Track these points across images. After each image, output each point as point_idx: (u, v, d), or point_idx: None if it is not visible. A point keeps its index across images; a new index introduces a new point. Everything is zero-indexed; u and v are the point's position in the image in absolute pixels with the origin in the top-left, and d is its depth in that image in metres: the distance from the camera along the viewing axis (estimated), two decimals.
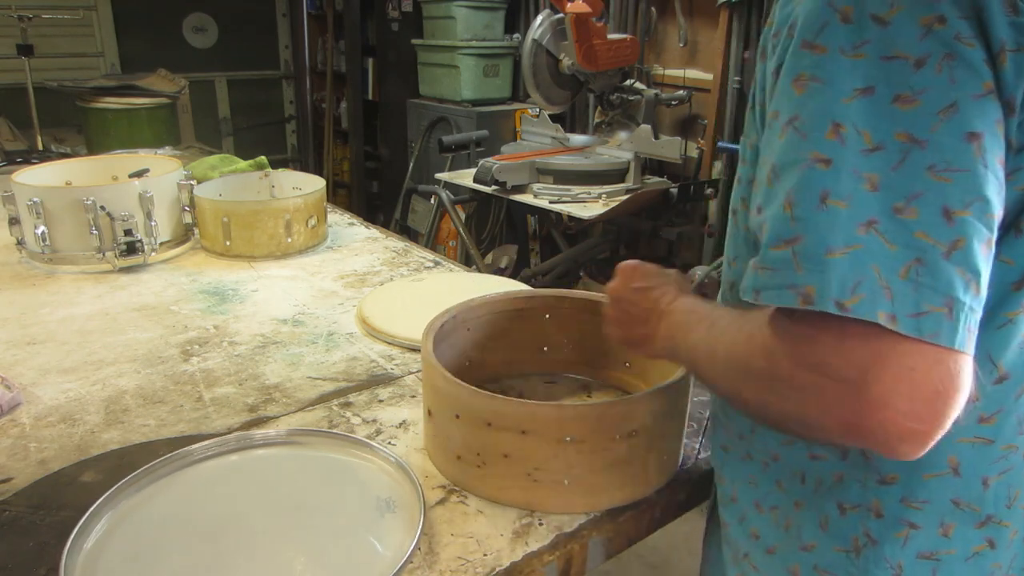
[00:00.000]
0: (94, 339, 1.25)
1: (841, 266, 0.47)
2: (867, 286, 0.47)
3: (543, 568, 0.76)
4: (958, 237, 0.47)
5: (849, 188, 0.48)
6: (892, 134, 0.48)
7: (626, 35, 2.84)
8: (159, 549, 0.76)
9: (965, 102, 0.48)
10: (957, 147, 0.47)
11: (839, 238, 0.48)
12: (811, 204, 0.49)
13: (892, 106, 0.48)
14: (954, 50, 0.48)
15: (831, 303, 0.47)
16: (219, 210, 1.63)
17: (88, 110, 2.81)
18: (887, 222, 0.47)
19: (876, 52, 0.49)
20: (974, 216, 0.47)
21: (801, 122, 0.51)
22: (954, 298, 0.47)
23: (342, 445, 0.92)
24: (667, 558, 2.21)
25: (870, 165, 0.48)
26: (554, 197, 2.55)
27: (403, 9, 4.04)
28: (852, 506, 0.65)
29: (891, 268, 0.47)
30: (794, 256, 0.49)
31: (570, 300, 1.06)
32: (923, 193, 0.47)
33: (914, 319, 0.46)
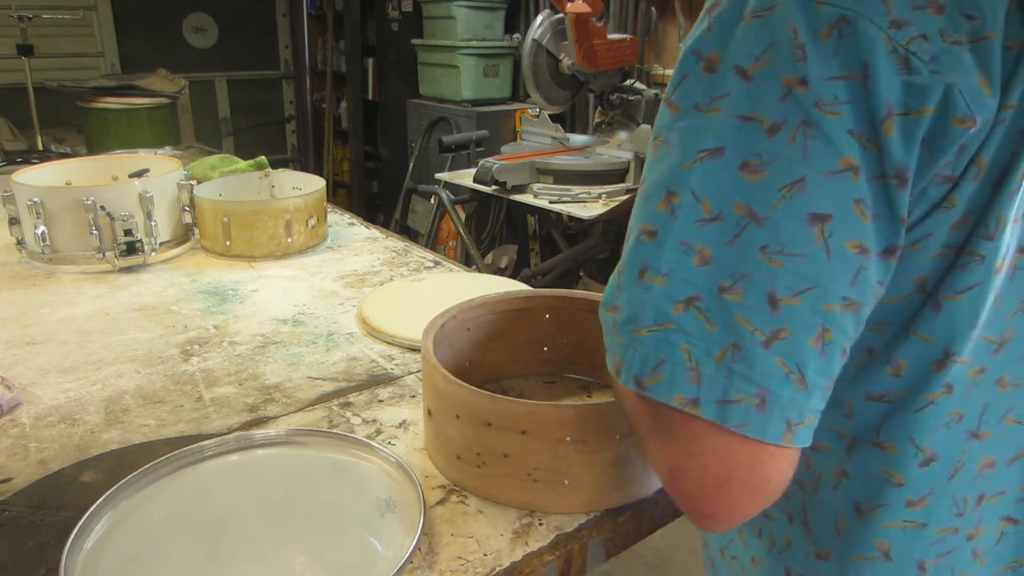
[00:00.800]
0: (94, 339, 1.25)
1: (646, 344, 0.46)
2: (668, 367, 0.45)
3: (543, 568, 0.76)
4: (780, 327, 0.44)
5: (671, 263, 0.46)
6: (732, 204, 0.44)
7: (626, 35, 2.84)
8: (159, 549, 0.76)
9: (814, 179, 0.43)
10: (796, 229, 0.43)
11: (648, 316, 0.46)
12: (632, 276, 0.48)
13: (738, 172, 0.44)
14: (811, 118, 0.43)
15: (631, 379, 0.47)
16: (219, 210, 1.63)
17: (88, 110, 2.81)
18: (710, 300, 0.45)
19: (733, 109, 0.45)
20: (805, 306, 0.43)
21: (644, 188, 0.49)
22: (768, 390, 0.44)
23: (342, 445, 0.92)
24: (667, 558, 2.21)
25: (704, 237, 0.45)
26: (554, 197, 2.55)
27: (403, 9, 4.04)
28: (797, 575, 0.62)
29: (706, 350, 0.45)
30: (613, 324, 0.49)
31: (571, 300, 1.06)
32: (751, 274, 0.44)
33: (719, 405, 0.44)
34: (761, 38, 0.44)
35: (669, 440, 0.47)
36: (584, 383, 1.10)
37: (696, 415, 0.45)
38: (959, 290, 0.47)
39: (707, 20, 0.47)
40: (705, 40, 0.47)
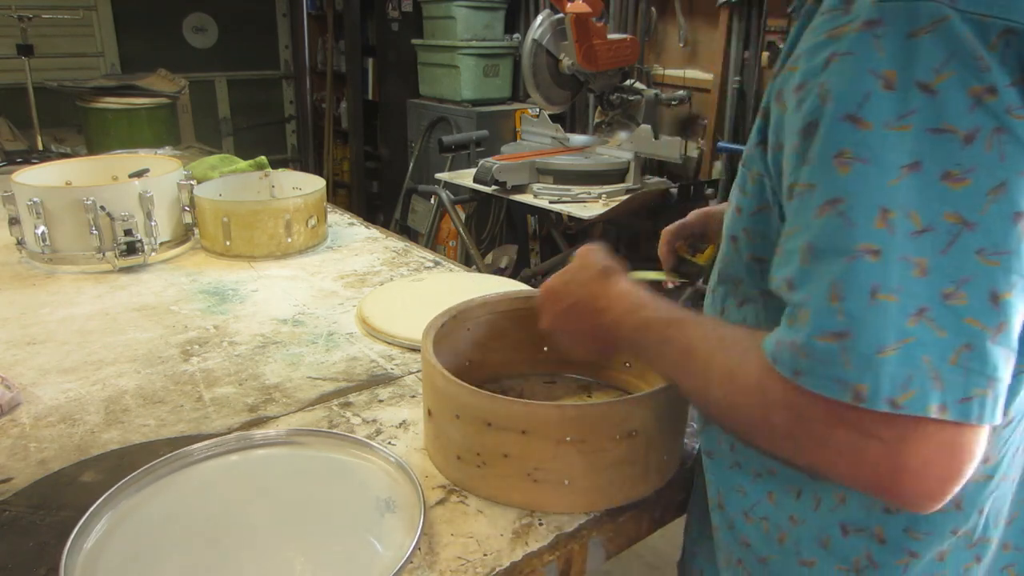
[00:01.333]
0: (94, 339, 1.25)
1: (892, 363, 0.47)
2: (918, 380, 0.47)
3: (543, 568, 0.76)
4: (1003, 320, 0.47)
5: (899, 279, 0.47)
6: (941, 214, 0.47)
7: (626, 35, 2.84)
8: (159, 549, 0.75)
9: (1014, 181, 0.47)
10: (1005, 229, 0.47)
11: (891, 335, 0.47)
12: (861, 300, 0.48)
13: (941, 184, 0.47)
14: (1004, 124, 0.47)
15: (883, 403, 0.47)
16: (219, 210, 1.63)
17: (88, 110, 2.81)
18: (937, 309, 0.47)
19: (922, 124, 0.47)
20: (1015, 296, 0.48)
21: (846, 206, 0.49)
22: (996, 379, 0.47)
23: (342, 445, 0.92)
24: (667, 558, 2.20)
25: (919, 248, 0.47)
26: (554, 197, 2.55)
27: (403, 9, 4.04)
28: (856, 529, 0.65)
29: (941, 356, 0.47)
30: (843, 352, 0.48)
31: None
32: (972, 278, 0.47)
33: (962, 404, 0.47)
34: (938, 52, 0.47)
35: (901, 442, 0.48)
36: (584, 383, 1.10)
37: (945, 419, 0.47)
38: None
39: (869, 38, 0.49)
40: (876, 58, 0.49)
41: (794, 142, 0.54)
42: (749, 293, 0.69)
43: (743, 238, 0.67)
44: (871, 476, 0.50)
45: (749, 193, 0.65)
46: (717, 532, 0.79)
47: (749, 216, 0.65)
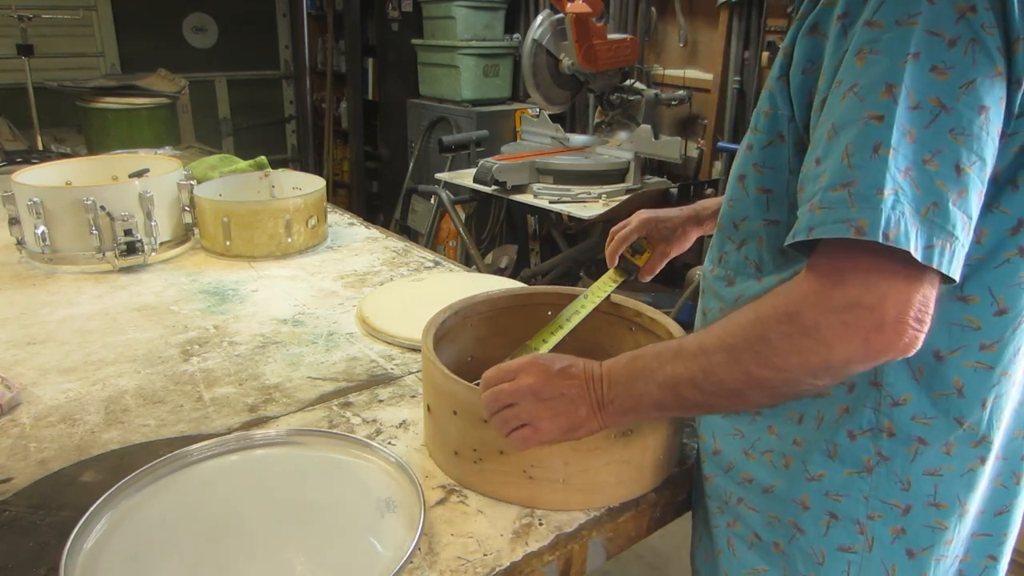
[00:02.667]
0: (94, 339, 1.25)
1: (887, 204, 0.57)
2: (903, 223, 0.57)
3: (543, 568, 0.76)
4: (962, 188, 0.58)
5: (897, 139, 0.58)
6: (928, 97, 0.58)
7: (626, 35, 2.84)
8: (159, 549, 0.75)
9: (981, 81, 0.58)
10: (971, 116, 0.58)
11: (889, 181, 0.57)
12: (865, 153, 0.59)
13: (929, 74, 0.58)
14: (978, 36, 0.58)
15: (880, 234, 0.57)
16: (219, 210, 1.63)
17: (88, 110, 2.81)
18: (917, 171, 0.58)
19: (924, 25, 0.59)
20: (974, 172, 0.58)
21: (860, 87, 0.60)
22: (954, 235, 0.58)
23: (342, 445, 0.92)
24: (667, 558, 2.20)
25: (911, 121, 0.58)
26: (554, 197, 2.55)
27: (403, 9, 4.04)
28: (863, 431, 0.71)
29: (916, 208, 0.57)
30: (850, 196, 0.58)
31: (572, 297, 1.06)
32: (944, 150, 0.58)
33: (926, 250, 0.57)
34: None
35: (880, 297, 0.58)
36: None
37: (917, 259, 0.57)
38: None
39: None
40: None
41: (837, 61, 0.64)
42: (751, 229, 0.77)
43: (752, 174, 0.76)
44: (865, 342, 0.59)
45: (761, 129, 0.74)
46: (710, 481, 0.84)
47: (760, 151, 0.74)
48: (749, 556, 0.80)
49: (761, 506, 0.78)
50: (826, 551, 0.75)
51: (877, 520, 0.72)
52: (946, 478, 0.71)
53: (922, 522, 0.72)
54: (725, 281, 0.81)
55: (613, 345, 1.06)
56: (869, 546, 0.73)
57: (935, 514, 0.72)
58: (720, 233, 0.82)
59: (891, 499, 0.72)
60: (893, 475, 0.71)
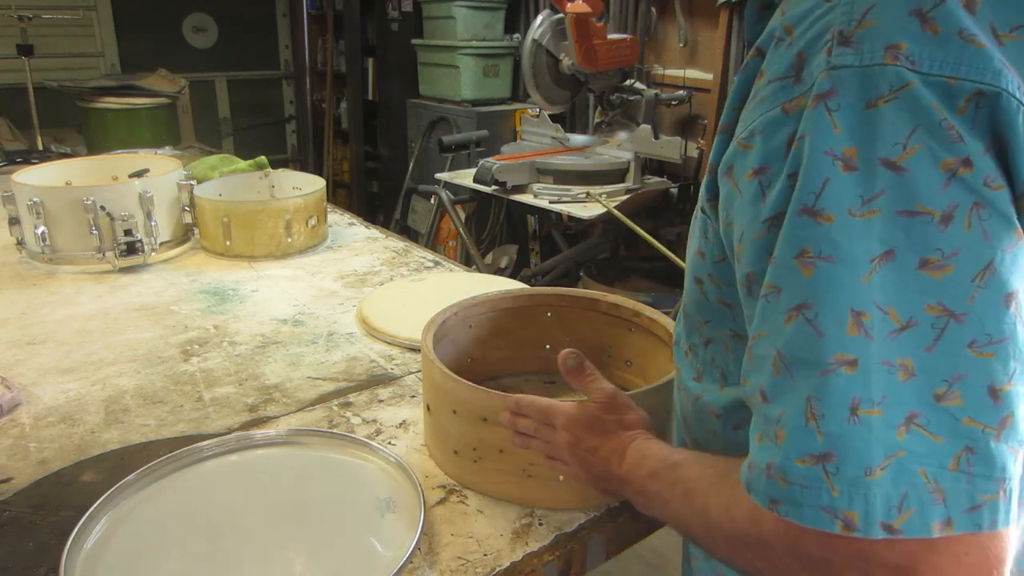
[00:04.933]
0: (94, 339, 1.25)
1: (884, 484, 0.42)
2: (915, 497, 0.42)
3: (543, 568, 0.76)
4: (1006, 414, 0.42)
5: (882, 389, 0.42)
6: (923, 307, 0.42)
7: (626, 35, 2.84)
8: (159, 549, 0.75)
9: (1000, 260, 0.42)
10: (998, 315, 0.42)
11: (879, 453, 0.42)
12: (840, 417, 0.43)
13: (920, 273, 0.42)
14: (983, 198, 0.41)
15: (878, 528, 0.42)
16: (219, 210, 1.63)
17: (88, 110, 2.81)
18: (929, 413, 0.42)
19: (892, 207, 0.42)
20: (1017, 384, 0.42)
21: (814, 313, 0.44)
22: (1007, 477, 0.42)
23: (342, 445, 0.92)
24: (667, 558, 2.20)
25: (901, 348, 0.42)
26: (554, 197, 2.55)
27: (403, 9, 4.04)
28: None
29: (939, 463, 0.42)
30: (827, 476, 0.43)
31: (572, 298, 1.06)
32: (966, 374, 0.42)
33: (970, 514, 0.42)
34: (902, 124, 0.42)
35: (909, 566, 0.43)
36: None
37: (952, 535, 0.42)
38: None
39: (822, 111, 0.44)
40: (833, 136, 0.43)
41: (756, 232, 0.49)
42: (716, 335, 0.64)
43: (708, 283, 0.62)
44: None
45: (711, 240, 0.60)
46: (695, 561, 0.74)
47: (712, 264, 0.60)
48: None
49: None
50: None
51: None
52: None
53: None
54: (694, 372, 0.69)
55: (613, 345, 1.06)
56: None
57: None
58: (687, 321, 0.68)
59: None
60: None
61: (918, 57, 0.42)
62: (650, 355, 1.01)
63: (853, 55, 0.43)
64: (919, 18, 0.42)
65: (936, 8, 0.42)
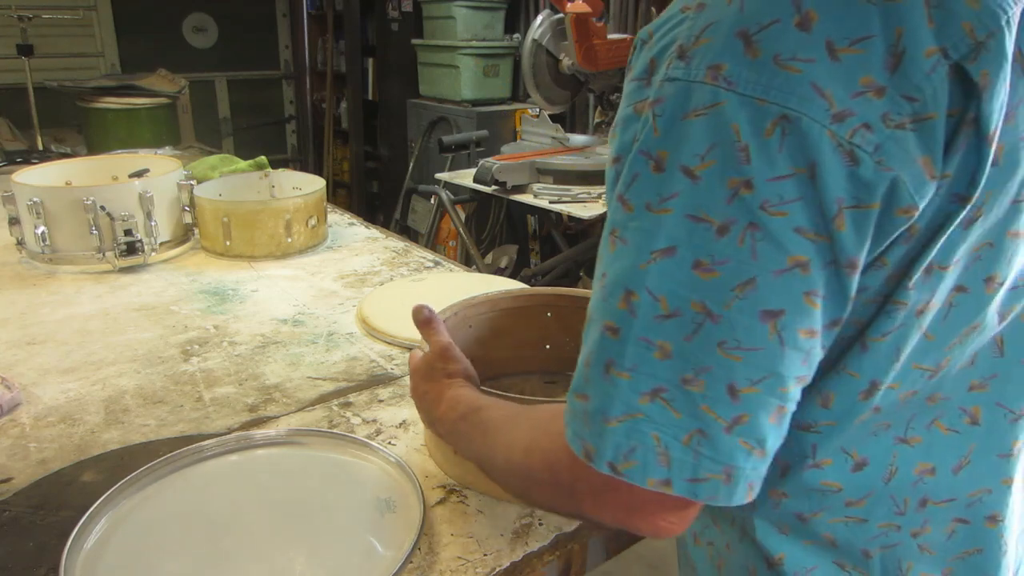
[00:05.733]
0: (94, 339, 1.25)
1: (617, 433, 0.48)
2: (641, 453, 0.48)
3: (543, 568, 0.76)
4: (741, 413, 0.47)
5: (634, 359, 0.48)
6: (689, 302, 0.46)
7: (626, 35, 2.84)
8: (159, 549, 0.75)
9: (765, 278, 0.45)
10: (751, 325, 0.45)
11: (618, 408, 0.48)
12: (599, 370, 0.49)
13: (692, 272, 0.46)
14: (757, 220, 0.44)
15: (605, 465, 0.49)
16: (219, 210, 1.63)
17: (88, 110, 2.81)
18: (674, 391, 0.47)
19: (682, 209, 0.46)
20: (763, 392, 0.47)
21: (604, 283, 0.50)
22: (733, 466, 0.47)
23: (342, 445, 0.92)
24: (667, 558, 2.20)
25: (664, 332, 0.47)
26: (554, 197, 2.55)
27: (403, 9, 4.04)
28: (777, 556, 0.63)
29: (674, 435, 0.47)
30: (584, 412, 0.50)
31: (572, 298, 1.06)
32: (712, 368, 0.46)
33: (690, 483, 0.48)
34: (705, 138, 0.45)
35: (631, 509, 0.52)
36: None
37: (668, 493, 0.48)
38: (884, 333, 0.50)
39: (651, 116, 0.48)
40: (652, 139, 0.47)
41: None
42: None
43: None
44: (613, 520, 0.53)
45: None
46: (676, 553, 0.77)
47: None
48: None
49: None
50: None
51: None
52: None
53: None
54: None
55: None
56: None
57: None
58: None
59: None
60: None
61: (736, 79, 0.44)
62: None
63: (683, 70, 0.46)
64: (743, 40, 0.44)
65: (761, 31, 0.44)
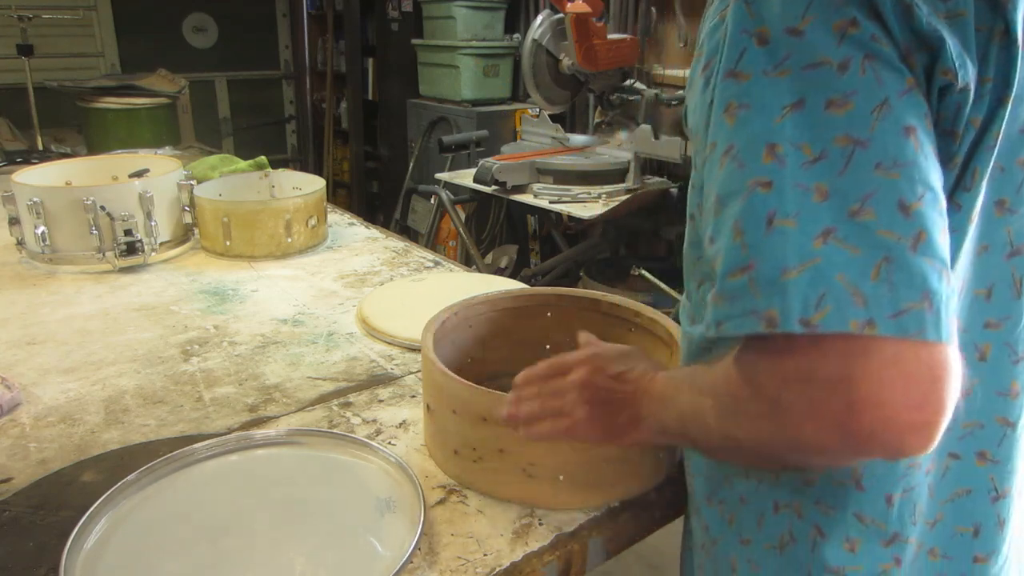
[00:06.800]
0: (94, 339, 1.25)
1: (800, 284, 0.46)
2: (832, 297, 0.46)
3: (543, 568, 0.76)
4: (919, 229, 0.47)
5: (795, 205, 0.48)
6: (832, 140, 0.48)
7: (626, 35, 2.84)
8: (159, 549, 0.75)
9: (895, 99, 0.48)
10: (898, 142, 0.48)
11: (793, 257, 0.47)
12: (759, 229, 0.49)
13: (826, 112, 0.48)
14: (872, 50, 0.48)
15: (797, 323, 0.46)
16: (219, 210, 1.63)
17: (88, 110, 2.81)
18: (845, 228, 0.47)
19: (798, 64, 0.49)
20: (927, 206, 0.47)
21: (737, 151, 0.51)
22: (930, 290, 0.46)
23: (342, 445, 0.92)
24: (667, 558, 2.20)
25: (815, 175, 0.48)
26: (554, 197, 2.55)
27: (403, 9, 4.04)
28: (784, 504, 0.66)
29: (860, 272, 0.46)
30: (751, 282, 0.48)
31: (572, 298, 1.06)
32: (876, 191, 0.47)
33: (896, 319, 0.45)
34: (799, 2, 0.50)
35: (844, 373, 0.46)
36: None
37: (875, 335, 0.45)
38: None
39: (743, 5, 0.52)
40: (748, 20, 0.52)
41: (707, 117, 0.56)
42: (708, 271, 0.66)
43: (698, 215, 0.65)
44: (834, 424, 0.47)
45: (698, 168, 0.63)
46: (688, 520, 0.81)
47: (699, 191, 0.63)
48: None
49: (711, 555, 0.74)
50: None
51: None
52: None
53: None
54: (689, 319, 0.73)
55: None
56: None
57: None
58: (686, 265, 0.73)
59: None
60: (797, 561, 0.65)
61: None
62: (650, 355, 1.01)
63: None
64: None
65: None
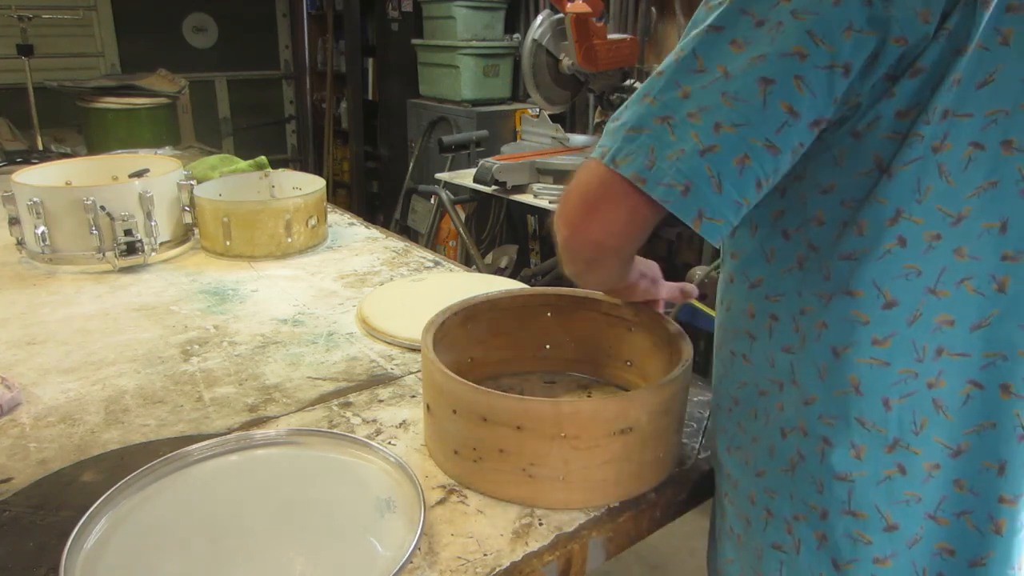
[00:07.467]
0: (94, 339, 1.25)
1: (628, 140, 0.64)
2: (635, 156, 0.64)
3: (543, 568, 0.76)
4: (715, 143, 0.62)
5: (663, 91, 0.64)
6: (716, 64, 0.62)
7: (626, 35, 2.84)
8: (159, 549, 0.76)
9: (772, 57, 0.60)
10: (750, 85, 0.61)
11: (636, 122, 0.65)
12: (637, 97, 0.66)
13: (727, 46, 0.62)
14: (784, 20, 0.60)
15: (610, 159, 0.65)
16: (219, 210, 1.63)
17: (88, 110, 2.81)
18: (679, 120, 0.63)
19: (737, 4, 0.62)
20: (737, 135, 0.61)
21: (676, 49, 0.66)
22: (693, 183, 0.62)
23: (342, 445, 0.92)
24: (667, 558, 2.21)
25: (690, 80, 0.63)
26: (554, 197, 2.55)
27: (403, 9, 4.04)
28: (790, 429, 0.74)
29: (662, 151, 0.63)
30: (612, 127, 0.67)
31: (572, 298, 1.06)
32: (711, 108, 0.62)
33: (659, 186, 0.63)
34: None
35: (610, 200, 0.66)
36: (584, 382, 1.10)
37: (642, 189, 0.63)
38: (906, 162, 0.63)
39: None
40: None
41: None
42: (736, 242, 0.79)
43: None
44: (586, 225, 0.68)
45: None
46: (716, 481, 0.87)
47: None
48: (726, 547, 0.84)
49: (734, 499, 0.82)
50: (763, 548, 0.77)
51: (802, 522, 0.73)
52: (859, 485, 0.70)
53: (841, 531, 0.71)
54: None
55: (613, 345, 1.06)
56: (796, 548, 0.74)
57: (853, 524, 0.70)
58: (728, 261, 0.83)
59: (809, 500, 0.72)
60: (808, 476, 0.72)
61: None
62: (650, 355, 1.01)
63: None
64: None
65: None
